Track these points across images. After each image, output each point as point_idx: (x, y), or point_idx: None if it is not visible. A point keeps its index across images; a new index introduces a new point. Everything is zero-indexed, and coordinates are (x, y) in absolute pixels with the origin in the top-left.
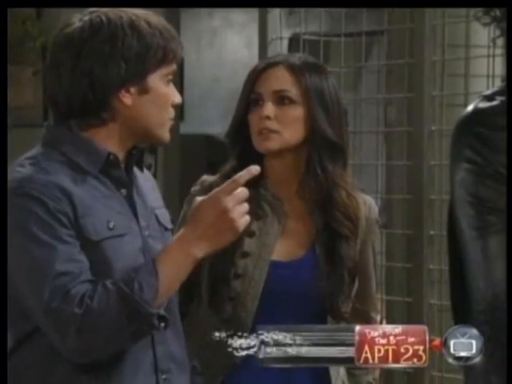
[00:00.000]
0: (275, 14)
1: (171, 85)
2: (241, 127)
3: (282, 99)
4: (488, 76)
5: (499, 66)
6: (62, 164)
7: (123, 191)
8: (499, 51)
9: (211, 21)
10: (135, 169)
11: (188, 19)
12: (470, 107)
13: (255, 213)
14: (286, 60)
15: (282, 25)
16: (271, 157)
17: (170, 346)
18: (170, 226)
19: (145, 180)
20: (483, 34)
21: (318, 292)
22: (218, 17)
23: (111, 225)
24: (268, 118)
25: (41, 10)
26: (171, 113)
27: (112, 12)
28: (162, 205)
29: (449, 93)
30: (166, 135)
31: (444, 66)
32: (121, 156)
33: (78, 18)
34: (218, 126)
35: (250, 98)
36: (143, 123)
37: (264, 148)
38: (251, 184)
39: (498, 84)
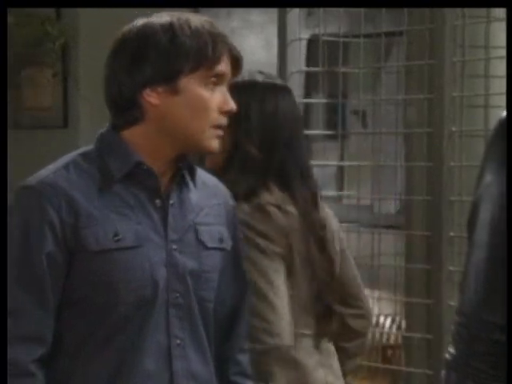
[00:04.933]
0: (294, 14)
1: (220, 90)
2: None
3: None
4: None
5: None
6: (92, 168)
7: (158, 202)
8: None
9: (229, 21)
10: (190, 182)
11: None
12: None
13: None
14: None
15: (300, 26)
16: None
17: (190, 362)
18: (213, 244)
19: (206, 196)
20: (503, 34)
21: None
22: (237, 18)
23: (119, 236)
24: None
25: (60, 11)
26: (215, 119)
27: (156, 15)
28: (214, 222)
29: (469, 94)
30: (207, 143)
31: (464, 66)
32: (159, 165)
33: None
34: None
35: None
36: (175, 126)
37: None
38: None
39: None
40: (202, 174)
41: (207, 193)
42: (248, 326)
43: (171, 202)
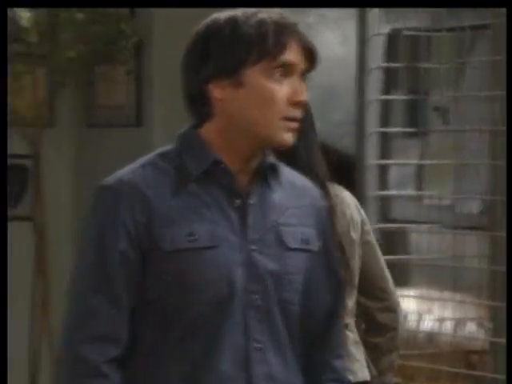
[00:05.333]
0: (373, 9)
1: (289, 81)
2: None
3: None
4: None
5: None
6: (169, 168)
7: (237, 201)
8: None
9: (306, 17)
10: (274, 181)
11: None
12: None
13: None
14: None
15: (380, 20)
16: None
17: (270, 366)
18: (296, 245)
19: (294, 196)
20: None
21: None
22: (314, 13)
23: (194, 236)
24: None
25: (134, 10)
26: (284, 111)
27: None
28: (299, 223)
29: None
30: (278, 136)
31: None
32: (236, 163)
33: None
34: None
35: None
36: (243, 120)
37: None
38: None
39: None
40: (289, 174)
41: (294, 193)
42: (343, 329)
43: (251, 201)
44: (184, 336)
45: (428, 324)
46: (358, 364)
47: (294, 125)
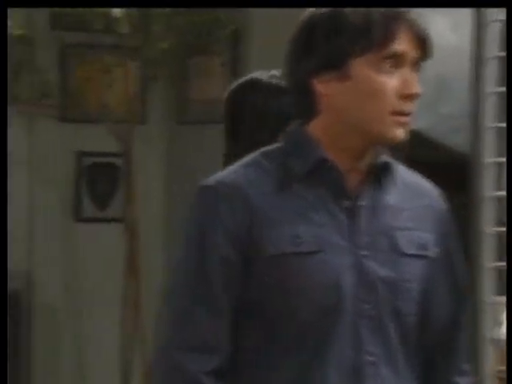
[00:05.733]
0: None
1: (400, 73)
2: None
3: None
4: None
5: None
6: (273, 167)
7: (346, 203)
8: None
9: None
10: (387, 181)
11: None
12: None
13: None
14: None
15: None
16: None
17: (383, 381)
18: (412, 251)
19: (409, 197)
20: None
21: None
22: None
23: (298, 239)
24: None
25: None
26: (393, 105)
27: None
28: (415, 227)
29: None
30: (388, 132)
31: None
32: (345, 162)
33: None
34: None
35: None
36: (350, 116)
37: None
38: None
39: None
40: (404, 173)
41: (410, 194)
42: (467, 343)
43: (362, 203)
44: (289, 346)
45: None
46: None
47: (405, 119)
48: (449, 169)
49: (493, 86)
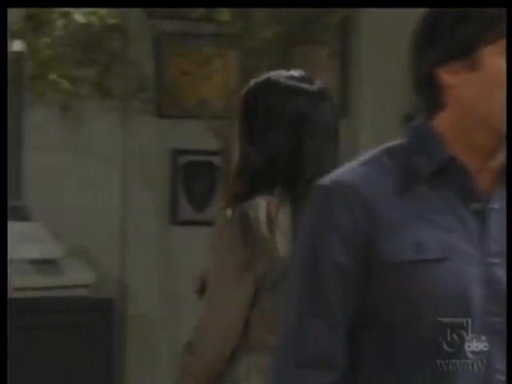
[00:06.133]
0: None
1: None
2: None
3: None
4: None
5: None
6: (394, 166)
7: (474, 205)
8: None
9: None
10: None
11: None
12: None
13: None
14: None
15: None
16: None
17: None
18: None
19: None
20: None
21: None
22: None
23: (421, 246)
24: None
25: None
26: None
27: None
28: None
29: None
30: None
31: None
32: (474, 161)
33: None
34: None
35: None
36: (479, 109)
37: None
38: None
39: None
40: None
41: None
42: None
43: (494, 206)
44: (414, 362)
45: None
46: None
47: None
48: None
49: None
